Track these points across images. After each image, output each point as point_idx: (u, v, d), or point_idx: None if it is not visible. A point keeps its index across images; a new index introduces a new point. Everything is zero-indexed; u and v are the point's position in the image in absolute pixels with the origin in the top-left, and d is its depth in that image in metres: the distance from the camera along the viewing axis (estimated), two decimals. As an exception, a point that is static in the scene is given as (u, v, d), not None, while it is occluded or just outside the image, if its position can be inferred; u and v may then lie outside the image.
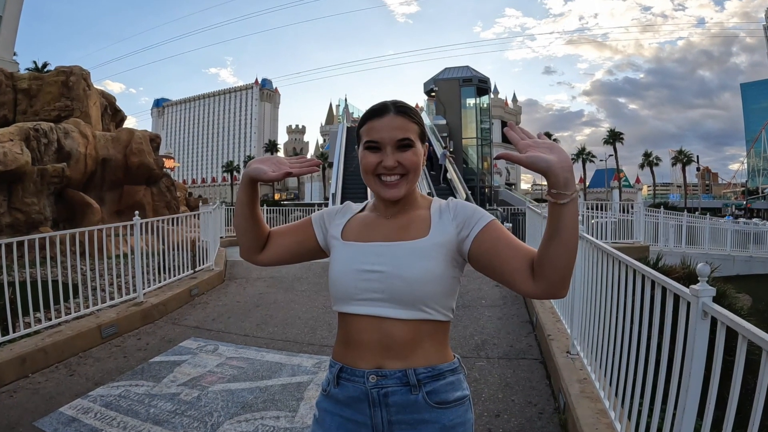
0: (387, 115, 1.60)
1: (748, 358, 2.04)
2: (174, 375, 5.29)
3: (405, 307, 1.53)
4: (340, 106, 40.80)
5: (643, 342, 2.97)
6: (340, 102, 39.96)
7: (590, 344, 4.33)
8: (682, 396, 2.40)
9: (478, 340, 6.28)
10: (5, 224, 11.19)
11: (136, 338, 6.60)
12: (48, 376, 5.33)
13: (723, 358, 2.20)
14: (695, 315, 2.34)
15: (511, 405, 4.49)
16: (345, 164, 23.46)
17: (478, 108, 37.17)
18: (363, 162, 1.63)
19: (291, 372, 5.35)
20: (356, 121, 38.32)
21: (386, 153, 1.58)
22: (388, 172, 1.59)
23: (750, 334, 1.96)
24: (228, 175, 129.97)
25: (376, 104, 1.66)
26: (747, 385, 2.10)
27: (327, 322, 7.03)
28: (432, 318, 1.55)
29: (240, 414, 4.37)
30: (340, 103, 39.12)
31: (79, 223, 12.03)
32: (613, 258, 3.70)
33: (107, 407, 4.51)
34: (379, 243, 1.60)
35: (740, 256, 19.18)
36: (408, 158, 1.58)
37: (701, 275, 2.37)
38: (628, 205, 15.75)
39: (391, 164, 1.58)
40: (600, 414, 3.66)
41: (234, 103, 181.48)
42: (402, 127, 1.59)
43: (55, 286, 6.31)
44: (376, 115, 1.62)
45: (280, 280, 10.20)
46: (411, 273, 1.52)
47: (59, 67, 14.98)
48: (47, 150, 12.38)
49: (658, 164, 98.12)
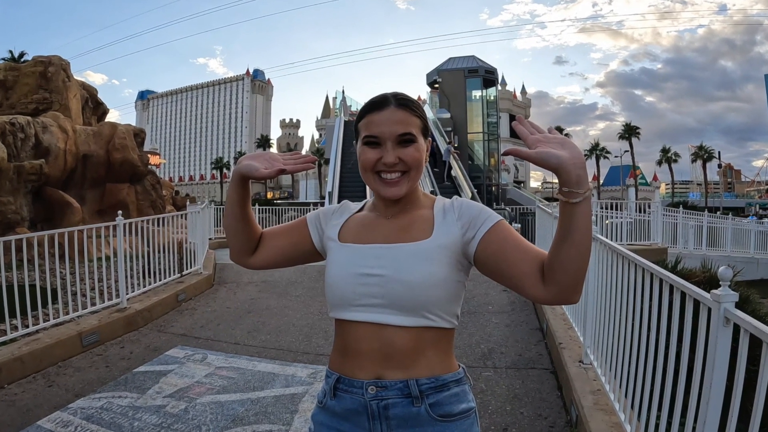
0: (387, 108, 1.57)
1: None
2: (160, 386, 5.27)
3: (406, 314, 1.49)
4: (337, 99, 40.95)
5: (661, 350, 2.96)
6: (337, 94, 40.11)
7: (604, 353, 4.32)
8: (703, 408, 2.39)
9: (484, 348, 6.28)
10: (-21, 224, 11.16)
11: (119, 346, 6.59)
12: (25, 387, 5.31)
13: (746, 367, 2.19)
14: (716, 322, 2.33)
15: (519, 418, 4.48)
16: (342, 161, 23.43)
17: (485, 100, 37.17)
18: (362, 158, 1.60)
19: (285, 383, 5.35)
20: (354, 114, 38.27)
21: (386, 149, 1.55)
22: (389, 169, 1.56)
23: (776, 342, 1.94)
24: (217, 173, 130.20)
25: (376, 96, 1.63)
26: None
27: (323, 329, 7.03)
28: (435, 325, 1.52)
29: (230, 428, 4.35)
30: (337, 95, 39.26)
31: (59, 223, 11.99)
32: (628, 261, 3.70)
33: (88, 420, 4.49)
34: (378, 245, 1.58)
35: (764, 259, 19.16)
36: (410, 154, 1.55)
37: (723, 279, 2.36)
38: (644, 204, 15.76)
39: (391, 160, 1.54)
40: (615, 428, 3.65)
41: (224, 95, 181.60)
42: (403, 121, 1.55)
43: (32, 291, 6.30)
44: (376, 108, 1.58)
45: (273, 284, 10.19)
46: (413, 277, 1.48)
47: (37, 57, 14.98)
48: (24, 145, 12.34)
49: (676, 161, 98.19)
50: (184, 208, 15.81)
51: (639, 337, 3.34)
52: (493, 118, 38.69)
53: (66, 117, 14.07)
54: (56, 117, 13.64)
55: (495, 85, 39.63)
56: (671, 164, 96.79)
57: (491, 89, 38.52)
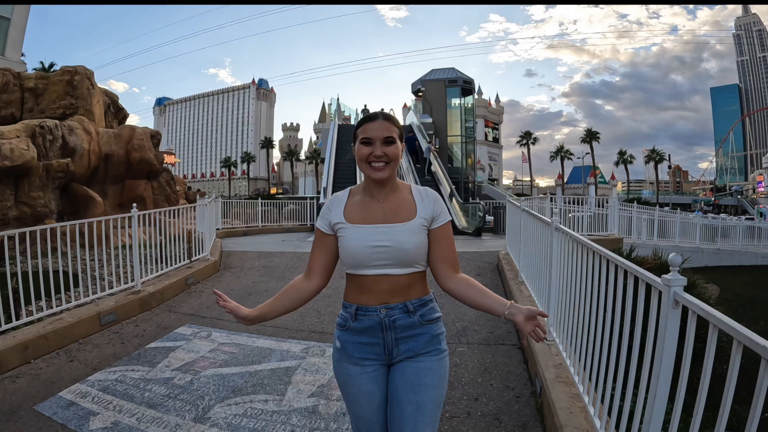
0: (377, 120, 2.13)
1: (717, 345, 2.00)
2: (168, 360, 5.24)
3: (404, 267, 2.10)
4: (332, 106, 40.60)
5: (617, 329, 2.93)
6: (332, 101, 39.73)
7: (566, 331, 4.30)
8: (654, 381, 2.36)
9: (459, 326, 6.25)
10: (12, 217, 11.07)
11: (134, 325, 6.54)
12: (49, 362, 5.27)
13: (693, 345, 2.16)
14: (667, 304, 2.30)
15: (489, 389, 4.46)
16: (336, 160, 23.28)
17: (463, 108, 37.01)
18: (358, 153, 2.13)
19: (280, 357, 5.31)
20: (347, 119, 38.31)
21: (376, 146, 2.10)
22: (377, 159, 2.10)
23: (721, 323, 1.91)
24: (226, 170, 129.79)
25: (370, 113, 2.19)
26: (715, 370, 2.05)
27: (316, 309, 6.98)
28: (419, 270, 2.15)
29: (230, 397, 4.32)
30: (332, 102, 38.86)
31: (83, 215, 11.86)
32: (587, 249, 3.65)
33: (104, 391, 4.46)
34: (381, 225, 2.10)
35: (708, 249, 19.27)
36: (391, 150, 2.11)
37: (673, 265, 2.32)
38: (603, 200, 15.70)
39: (379, 153, 2.09)
40: (574, 398, 3.62)
41: (232, 102, 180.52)
42: (388, 128, 2.12)
43: (56, 276, 6.22)
44: (370, 120, 2.14)
45: (272, 269, 10.16)
46: (409, 246, 2.08)
47: (64, 67, 14.80)
48: (52, 146, 12.21)
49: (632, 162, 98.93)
50: (195, 201, 15.72)
51: (597, 318, 3.30)
52: (470, 123, 38.61)
53: (90, 121, 13.93)
54: (81, 120, 13.50)
55: (472, 94, 39.47)
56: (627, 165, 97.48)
57: (469, 98, 38.37)
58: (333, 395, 4.33)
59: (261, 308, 2.27)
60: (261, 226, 19.73)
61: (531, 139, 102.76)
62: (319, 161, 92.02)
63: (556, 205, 13.80)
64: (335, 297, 7.07)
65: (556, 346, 4.59)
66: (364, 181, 2.23)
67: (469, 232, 18.44)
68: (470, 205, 21.03)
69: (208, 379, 4.71)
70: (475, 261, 10.62)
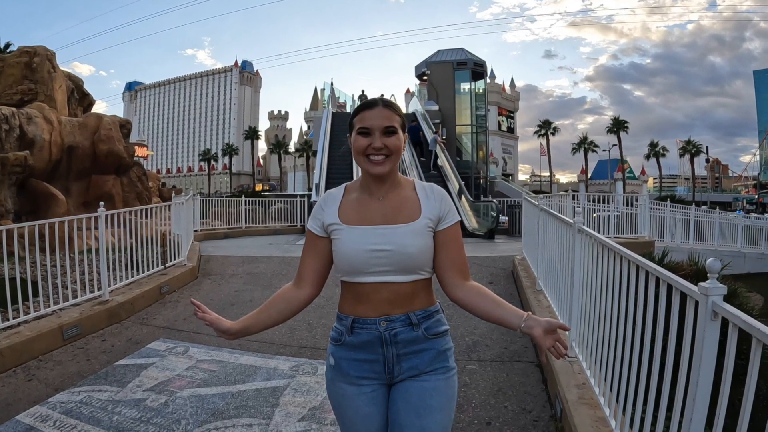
0: (376, 108, 2.07)
1: (762, 362, 1.99)
2: (140, 379, 5.23)
3: (407, 273, 2.04)
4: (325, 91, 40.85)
5: (647, 344, 2.92)
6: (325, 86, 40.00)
7: (590, 346, 4.29)
8: (689, 403, 2.35)
9: (469, 341, 6.25)
10: (-38, 217, 11.07)
11: (101, 339, 6.54)
12: (4, 381, 5.27)
13: (734, 362, 2.14)
14: (704, 315, 2.28)
15: (503, 412, 4.46)
16: (330, 152, 23.14)
17: (474, 93, 37.12)
18: (355, 145, 2.08)
19: (266, 376, 5.32)
20: (342, 106, 38.29)
21: (375, 137, 2.04)
22: (376, 152, 2.04)
23: (765, 336, 1.89)
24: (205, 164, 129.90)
25: (368, 100, 2.14)
26: (759, 391, 2.05)
27: (306, 321, 6.98)
28: (424, 277, 2.09)
29: (210, 422, 4.32)
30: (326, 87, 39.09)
31: (43, 215, 11.82)
32: (614, 253, 3.65)
33: (67, 414, 4.46)
34: (381, 226, 2.06)
35: (751, 253, 19.28)
36: (392, 142, 2.05)
37: (711, 271, 2.31)
38: (632, 197, 15.70)
39: (378, 145, 2.03)
40: (599, 422, 3.62)
41: (212, 86, 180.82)
42: (388, 117, 2.06)
43: (13, 284, 6.22)
44: (368, 107, 2.08)
45: (257, 276, 10.16)
46: (412, 249, 2.02)
47: (22, 47, 14.87)
48: (8, 137, 12.24)
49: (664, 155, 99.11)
50: (170, 199, 15.72)
51: (625, 331, 3.30)
52: (482, 111, 38.66)
53: (51, 108, 13.97)
54: (41, 108, 13.53)
55: (484, 78, 39.56)
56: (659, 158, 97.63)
57: (480, 82, 38.46)
58: (326, 419, 4.33)
59: (245, 320, 2.19)
60: (245, 227, 19.77)
61: (550, 129, 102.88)
62: (310, 154, 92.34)
63: (579, 204, 13.78)
64: (329, 308, 7.08)
65: (579, 363, 4.59)
66: (361, 177, 2.18)
67: (481, 234, 18.42)
68: (482, 204, 21.07)
69: (185, 401, 4.70)
70: (488, 267, 10.63)
